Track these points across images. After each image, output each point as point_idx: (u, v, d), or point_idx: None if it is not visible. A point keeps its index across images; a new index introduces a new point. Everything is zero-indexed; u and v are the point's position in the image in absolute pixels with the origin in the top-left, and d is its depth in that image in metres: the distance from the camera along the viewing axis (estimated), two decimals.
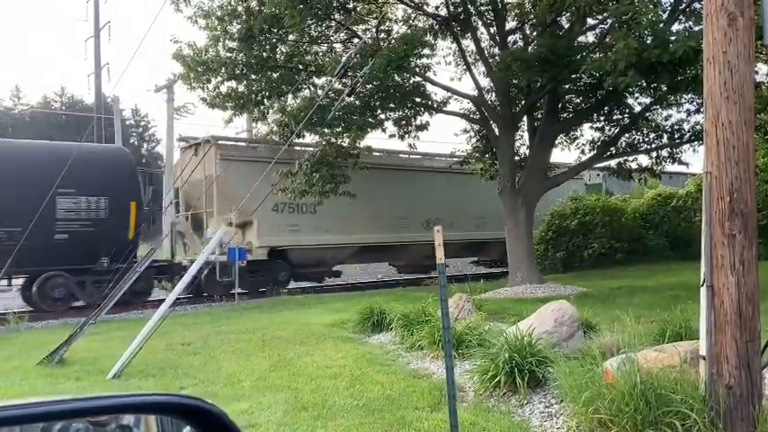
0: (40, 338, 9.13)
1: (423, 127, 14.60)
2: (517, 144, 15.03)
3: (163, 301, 7.36)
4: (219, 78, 13.59)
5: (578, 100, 14.72)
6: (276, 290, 15.70)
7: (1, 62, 69.67)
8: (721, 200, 3.70)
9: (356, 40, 13.27)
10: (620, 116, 14.88)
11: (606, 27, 12.83)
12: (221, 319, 10.37)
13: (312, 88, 14.36)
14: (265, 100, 14.02)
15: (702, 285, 3.82)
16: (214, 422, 1.09)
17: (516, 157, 14.59)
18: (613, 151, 14.90)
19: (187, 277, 6.92)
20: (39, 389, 5.97)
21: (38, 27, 77.57)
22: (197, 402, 1.11)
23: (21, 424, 1.01)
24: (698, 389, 3.82)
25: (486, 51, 14.34)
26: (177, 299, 7.06)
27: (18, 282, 13.66)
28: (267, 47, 13.34)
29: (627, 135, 14.96)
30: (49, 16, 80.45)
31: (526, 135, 15.28)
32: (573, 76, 12.49)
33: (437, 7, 13.75)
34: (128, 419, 1.24)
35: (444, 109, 14.69)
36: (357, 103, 13.24)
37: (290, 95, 14.13)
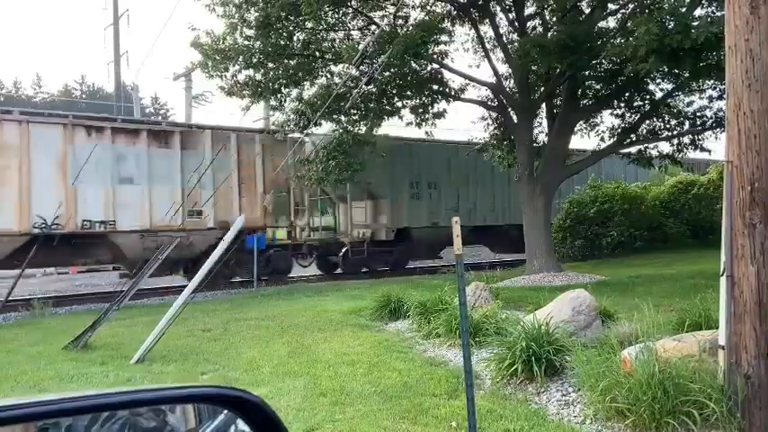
0: (64, 324, 9.32)
1: (440, 114, 14.54)
2: (535, 131, 14.92)
3: (184, 287, 7.48)
4: (237, 67, 13.64)
5: (598, 86, 14.52)
6: None
7: (22, 51, 70.47)
8: (742, 189, 3.67)
9: (373, 27, 13.22)
10: (640, 102, 14.68)
11: (627, 12, 12.64)
12: (241, 306, 10.50)
13: (329, 76, 14.36)
14: (282, 88, 14.06)
15: (722, 275, 3.80)
16: (254, 410, 1.15)
17: (534, 145, 14.49)
18: (634, 138, 14.72)
19: (207, 265, 7.01)
20: (64, 373, 6.11)
21: (58, 15, 78.27)
22: (239, 393, 1.18)
23: (64, 417, 1.07)
24: (716, 378, 3.81)
25: (504, 38, 14.22)
26: (198, 286, 7.16)
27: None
28: (284, 34, 13.35)
29: (648, 122, 14.76)
30: (68, 4, 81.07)
31: (545, 122, 15.16)
32: (593, 62, 12.34)
33: None
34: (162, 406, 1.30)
35: (462, 96, 14.61)
36: (374, 90, 13.21)
37: (306, 83, 14.15)
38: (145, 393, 1.18)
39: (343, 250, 17.11)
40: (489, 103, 14.88)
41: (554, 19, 13.80)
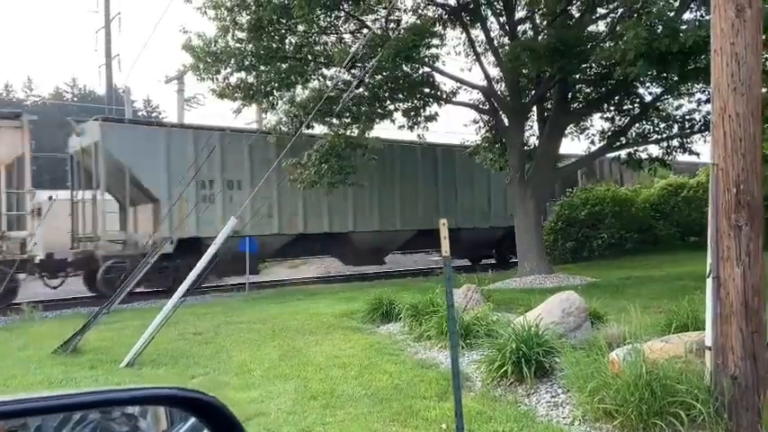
0: (54, 328, 9.26)
1: (432, 118, 14.59)
2: (527, 134, 15.01)
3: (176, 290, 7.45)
4: (229, 69, 13.62)
5: (588, 90, 14.64)
6: None
7: (13, 54, 70.11)
8: (728, 191, 3.71)
9: (365, 31, 13.25)
10: (630, 106, 14.81)
11: (616, 16, 12.74)
12: (232, 309, 10.47)
13: (321, 79, 14.37)
14: (274, 91, 14.04)
15: (709, 276, 3.84)
16: (214, 413, 1.15)
17: (526, 148, 14.56)
18: (623, 141, 14.83)
19: (199, 267, 6.98)
20: (53, 377, 6.08)
21: (49, 18, 77.94)
22: (197, 395, 1.18)
23: (32, 416, 1.09)
24: (703, 379, 3.85)
25: (495, 41, 14.29)
26: (189, 289, 7.13)
27: None
28: (276, 37, 13.34)
29: (637, 125, 14.88)
30: (59, 7, 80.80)
31: (536, 125, 15.25)
32: (583, 66, 12.42)
33: None
34: (132, 409, 1.31)
35: (453, 100, 14.66)
36: (366, 93, 13.24)
37: (299, 86, 14.15)
38: (103, 395, 1.19)
39: (104, 266, 13.45)
40: (481, 106, 14.95)
41: (544, 23, 13.89)
